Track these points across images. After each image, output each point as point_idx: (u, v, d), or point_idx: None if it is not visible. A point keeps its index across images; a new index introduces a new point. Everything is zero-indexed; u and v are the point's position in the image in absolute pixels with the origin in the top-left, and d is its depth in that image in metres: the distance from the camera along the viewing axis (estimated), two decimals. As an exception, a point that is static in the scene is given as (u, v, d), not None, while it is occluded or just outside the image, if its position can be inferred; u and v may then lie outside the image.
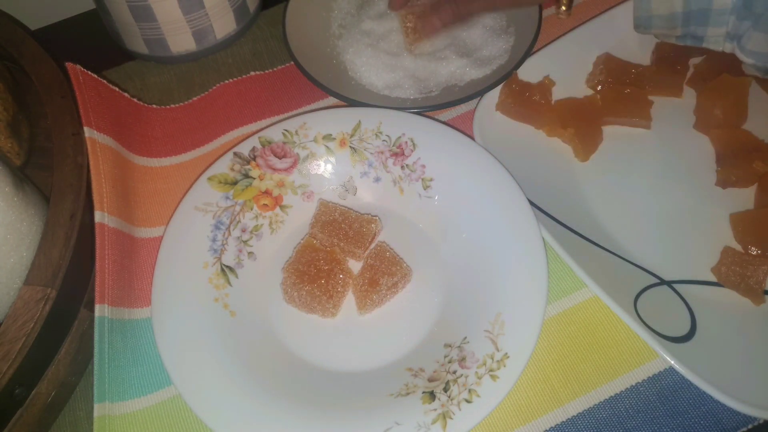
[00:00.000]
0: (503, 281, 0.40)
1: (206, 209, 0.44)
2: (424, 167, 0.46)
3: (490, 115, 0.50)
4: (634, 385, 0.39)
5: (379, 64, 0.53)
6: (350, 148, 0.47)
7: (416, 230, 0.46)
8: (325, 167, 0.48)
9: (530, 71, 0.50)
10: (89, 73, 0.46)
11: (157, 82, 0.57)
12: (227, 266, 0.43)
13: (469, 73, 0.52)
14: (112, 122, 0.46)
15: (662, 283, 0.42)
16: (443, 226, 0.45)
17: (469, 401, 0.36)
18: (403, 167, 0.47)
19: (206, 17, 0.54)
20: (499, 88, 0.50)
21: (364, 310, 0.42)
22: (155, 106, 0.53)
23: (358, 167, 0.48)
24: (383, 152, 0.47)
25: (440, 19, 0.49)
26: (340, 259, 0.43)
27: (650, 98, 0.50)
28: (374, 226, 0.44)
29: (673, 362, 0.37)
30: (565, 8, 0.53)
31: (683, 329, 0.40)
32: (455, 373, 0.38)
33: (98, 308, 0.39)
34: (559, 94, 0.51)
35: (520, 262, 0.40)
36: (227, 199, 0.45)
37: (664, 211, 0.46)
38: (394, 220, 0.47)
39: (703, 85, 0.51)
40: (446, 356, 0.39)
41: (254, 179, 0.46)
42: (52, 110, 0.43)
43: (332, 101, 0.53)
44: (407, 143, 0.47)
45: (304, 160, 0.47)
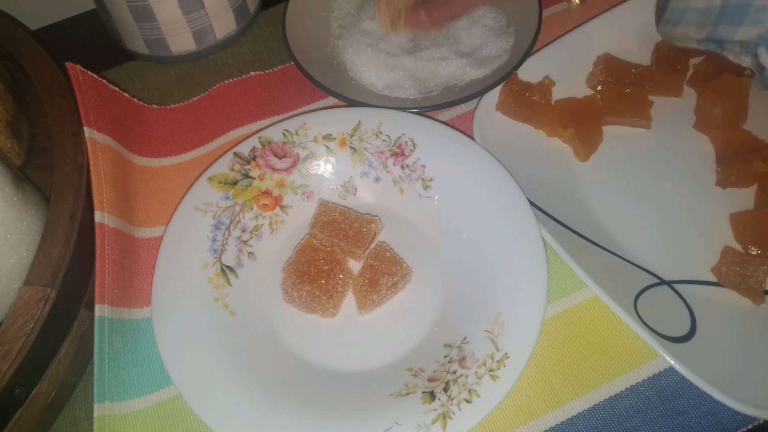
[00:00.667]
0: (503, 281, 0.40)
1: (206, 209, 0.44)
2: (424, 167, 0.46)
3: (490, 115, 0.50)
4: (634, 385, 0.39)
5: (379, 64, 0.53)
6: (350, 148, 0.47)
7: (416, 230, 0.46)
8: (325, 167, 0.48)
9: (530, 71, 0.50)
10: (89, 73, 0.46)
11: (157, 82, 0.57)
12: (227, 266, 0.43)
13: (469, 73, 0.52)
14: (112, 122, 0.46)
15: (662, 283, 0.42)
16: (443, 226, 0.45)
17: (469, 401, 0.36)
18: (403, 167, 0.47)
19: (206, 17, 0.54)
20: (499, 88, 0.50)
21: (364, 310, 0.42)
22: (155, 106, 0.53)
23: (358, 167, 0.48)
24: (383, 152, 0.47)
25: (428, 15, 0.46)
26: (340, 259, 0.43)
27: (650, 98, 0.50)
28: (374, 226, 0.44)
29: (673, 362, 0.37)
30: (578, 0, 0.53)
31: (683, 329, 0.40)
32: (455, 373, 0.38)
33: (98, 308, 0.39)
34: (559, 94, 0.51)
35: (520, 262, 0.40)
36: (227, 199, 0.45)
37: (664, 211, 0.46)
38: (394, 220, 0.47)
39: (703, 85, 0.51)
40: (446, 356, 0.39)
41: (254, 179, 0.46)
42: (52, 110, 0.43)
43: (332, 101, 0.53)
44: (407, 143, 0.47)
45: (304, 160, 0.47)
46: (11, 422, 0.36)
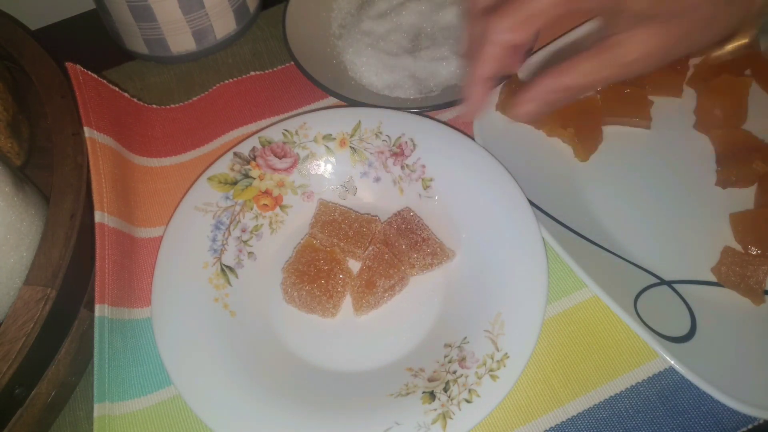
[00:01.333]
0: (503, 281, 0.40)
1: (206, 209, 0.44)
2: (424, 167, 0.46)
3: (490, 115, 0.50)
4: (634, 385, 0.39)
5: (379, 64, 0.53)
6: (350, 148, 0.47)
7: (416, 230, 0.46)
8: (325, 167, 0.48)
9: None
10: (89, 73, 0.46)
11: (157, 82, 0.57)
12: (227, 266, 0.43)
13: (469, 73, 0.52)
14: (112, 122, 0.46)
15: (662, 283, 0.42)
16: (443, 226, 0.45)
17: (469, 401, 0.36)
18: (403, 167, 0.47)
19: (206, 17, 0.54)
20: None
21: (359, 311, 0.42)
22: (155, 106, 0.53)
23: (358, 167, 0.48)
24: (383, 152, 0.47)
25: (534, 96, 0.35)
26: (340, 259, 0.43)
27: (650, 98, 0.50)
28: (374, 226, 0.44)
29: (673, 362, 0.37)
30: None
31: (683, 329, 0.40)
32: (455, 373, 0.38)
33: (98, 308, 0.39)
34: (559, 94, 0.51)
35: (520, 262, 0.40)
36: (227, 199, 0.45)
37: (664, 211, 0.46)
38: (394, 220, 0.46)
39: (703, 85, 0.51)
40: (446, 356, 0.39)
41: (254, 179, 0.46)
42: (52, 110, 0.43)
43: (332, 101, 0.53)
44: (407, 143, 0.47)
45: (304, 160, 0.47)
46: (11, 422, 0.36)
